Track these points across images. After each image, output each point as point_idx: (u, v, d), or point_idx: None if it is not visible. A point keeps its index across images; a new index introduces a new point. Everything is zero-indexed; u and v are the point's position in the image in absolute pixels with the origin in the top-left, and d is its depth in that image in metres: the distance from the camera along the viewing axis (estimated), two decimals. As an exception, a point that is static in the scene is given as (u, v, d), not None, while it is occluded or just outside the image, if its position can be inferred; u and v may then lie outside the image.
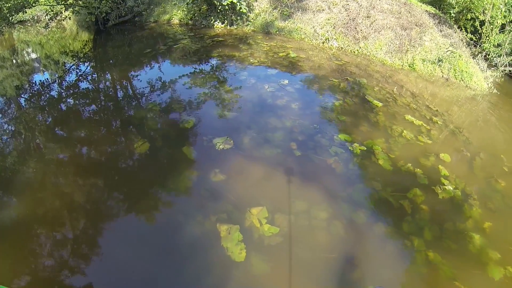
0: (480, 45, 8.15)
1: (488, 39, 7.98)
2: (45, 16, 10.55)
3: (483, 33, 8.08)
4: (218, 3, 9.17)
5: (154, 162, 3.98)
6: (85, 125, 4.88)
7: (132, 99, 5.80)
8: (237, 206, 3.22)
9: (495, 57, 8.14)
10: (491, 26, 7.89)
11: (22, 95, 6.38)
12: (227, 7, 9.13)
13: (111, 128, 4.92)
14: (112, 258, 2.82)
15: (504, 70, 8.07)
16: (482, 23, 8.25)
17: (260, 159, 3.84)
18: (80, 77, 6.96)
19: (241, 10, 9.06)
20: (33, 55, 9.76)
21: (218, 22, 9.70)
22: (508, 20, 7.80)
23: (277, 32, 8.95)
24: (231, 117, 4.63)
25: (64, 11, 10.57)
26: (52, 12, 10.22)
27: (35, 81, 7.04)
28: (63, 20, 11.07)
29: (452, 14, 9.85)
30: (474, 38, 8.58)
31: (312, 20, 8.56)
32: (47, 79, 7.10)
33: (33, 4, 9.71)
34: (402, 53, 7.58)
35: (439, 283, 2.86)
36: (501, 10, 7.77)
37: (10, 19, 9.41)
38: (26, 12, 10.62)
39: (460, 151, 4.74)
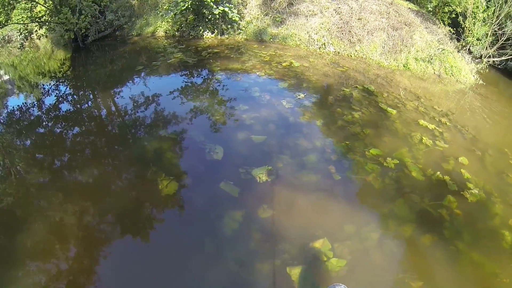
0: (463, 39, 8.61)
1: (471, 33, 8.46)
2: (17, 36, 9.75)
3: (466, 27, 8.54)
4: (208, 12, 8.92)
5: (189, 205, 3.58)
6: (91, 167, 4.22)
7: (138, 127, 5.21)
8: (294, 242, 3.14)
9: (479, 49, 8.67)
10: (473, 20, 8.36)
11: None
12: (217, 16, 8.91)
13: (124, 166, 4.26)
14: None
15: (488, 61, 8.62)
16: (463, 16, 8.69)
17: (302, 187, 3.81)
18: (68, 103, 6.34)
19: (233, 18, 8.86)
20: (6, 77, 9.04)
21: (208, 32, 9.44)
22: (489, 13, 8.29)
23: (271, 40, 8.87)
24: (259, 141, 4.51)
25: (39, 29, 9.85)
26: (26, 31, 9.46)
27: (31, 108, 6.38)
28: (38, 39, 10.27)
29: (429, 9, 10.32)
30: (452, 30, 9.05)
31: (305, 25, 8.59)
32: (37, 108, 6.45)
33: (5, 24, 8.95)
34: (396, 54, 7.86)
35: (487, 280, 3.09)
36: (482, 4, 8.25)
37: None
38: (-4, 33, 9.76)
39: (472, 150, 5.05)
